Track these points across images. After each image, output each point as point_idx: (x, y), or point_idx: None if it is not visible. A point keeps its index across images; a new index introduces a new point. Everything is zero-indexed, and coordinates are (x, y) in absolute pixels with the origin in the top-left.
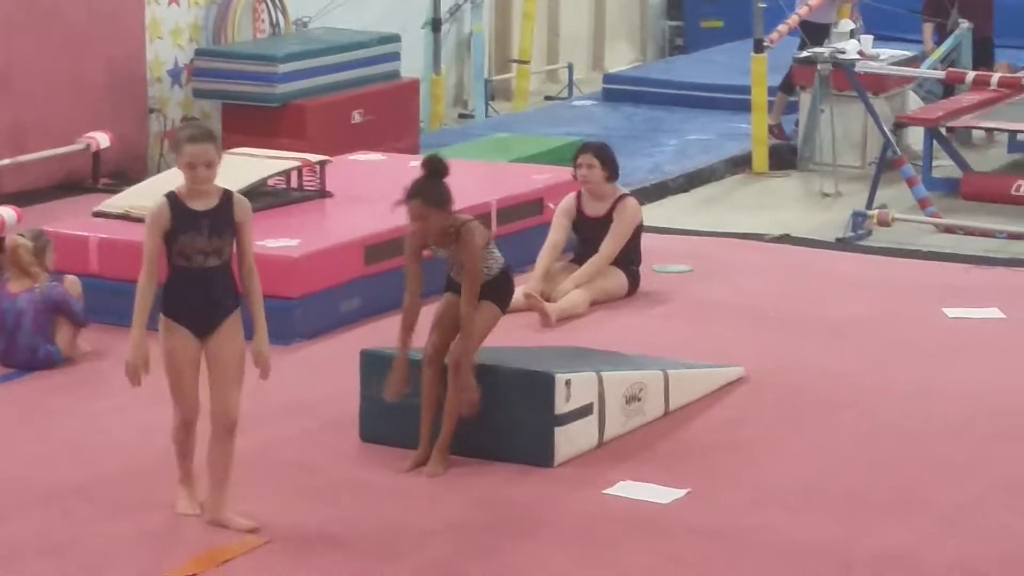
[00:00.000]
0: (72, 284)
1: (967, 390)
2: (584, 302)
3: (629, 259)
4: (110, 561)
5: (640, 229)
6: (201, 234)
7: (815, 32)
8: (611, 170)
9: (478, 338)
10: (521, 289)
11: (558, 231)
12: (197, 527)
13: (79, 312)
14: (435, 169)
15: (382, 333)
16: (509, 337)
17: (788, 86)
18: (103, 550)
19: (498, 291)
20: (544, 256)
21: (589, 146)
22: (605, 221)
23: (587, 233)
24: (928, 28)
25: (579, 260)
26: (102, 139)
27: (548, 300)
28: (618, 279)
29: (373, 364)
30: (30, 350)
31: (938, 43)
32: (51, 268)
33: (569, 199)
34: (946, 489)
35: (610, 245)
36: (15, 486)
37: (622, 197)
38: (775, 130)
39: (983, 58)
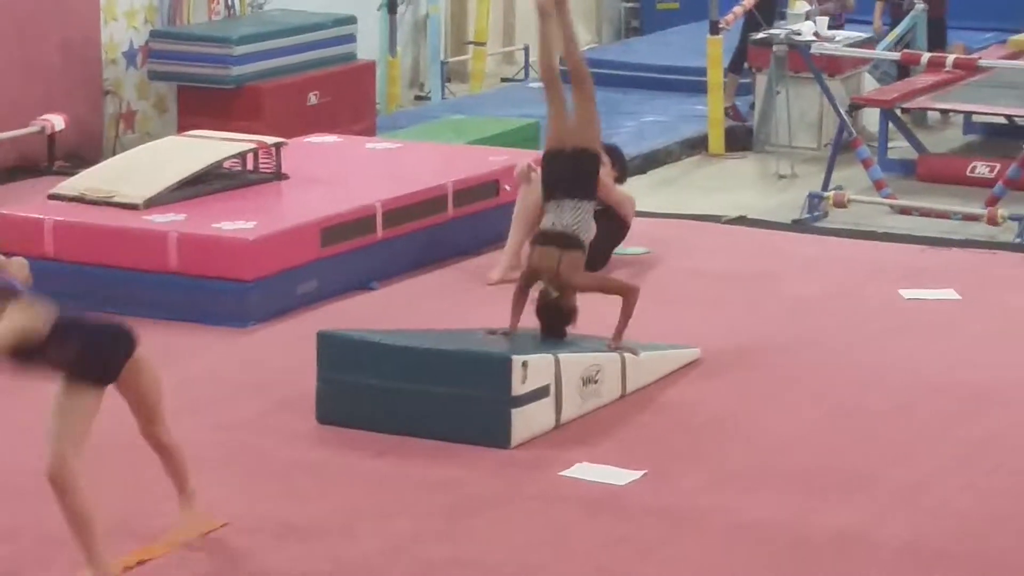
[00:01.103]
0: (20, 267)
1: (922, 370)
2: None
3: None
4: (62, 547)
5: (625, 230)
6: None
7: (767, 8)
8: (620, 170)
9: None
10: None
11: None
12: (151, 513)
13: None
14: (554, 319)
15: (339, 315)
16: (465, 319)
17: (737, 67)
18: (55, 536)
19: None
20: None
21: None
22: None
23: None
24: (879, 8)
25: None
26: (57, 121)
27: None
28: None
29: (330, 346)
30: None
31: (889, 25)
32: None
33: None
34: (900, 467)
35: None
36: None
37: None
38: (730, 111)
39: (936, 39)
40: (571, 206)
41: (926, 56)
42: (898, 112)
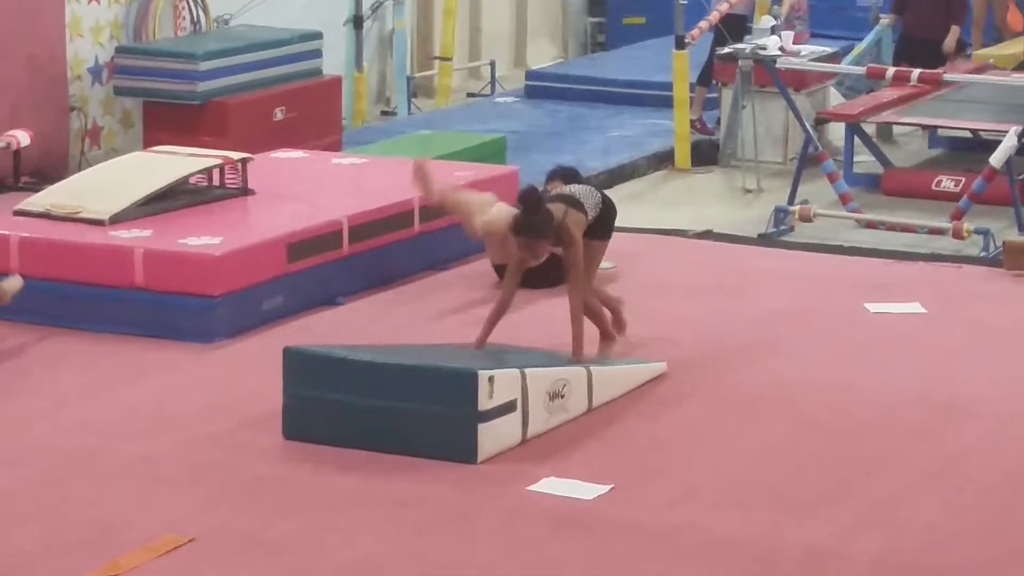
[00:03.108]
0: (11, 284)
1: (889, 384)
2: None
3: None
4: (30, 564)
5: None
6: None
7: (734, 24)
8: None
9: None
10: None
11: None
12: (119, 528)
13: None
14: (531, 204)
15: (305, 331)
16: (431, 334)
17: (706, 79)
18: (24, 553)
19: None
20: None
21: (559, 172)
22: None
23: None
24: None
25: None
26: (22, 137)
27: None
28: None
29: (296, 362)
30: None
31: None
32: None
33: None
34: (869, 483)
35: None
36: None
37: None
38: (697, 124)
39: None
40: None
41: (891, 71)
42: (863, 126)
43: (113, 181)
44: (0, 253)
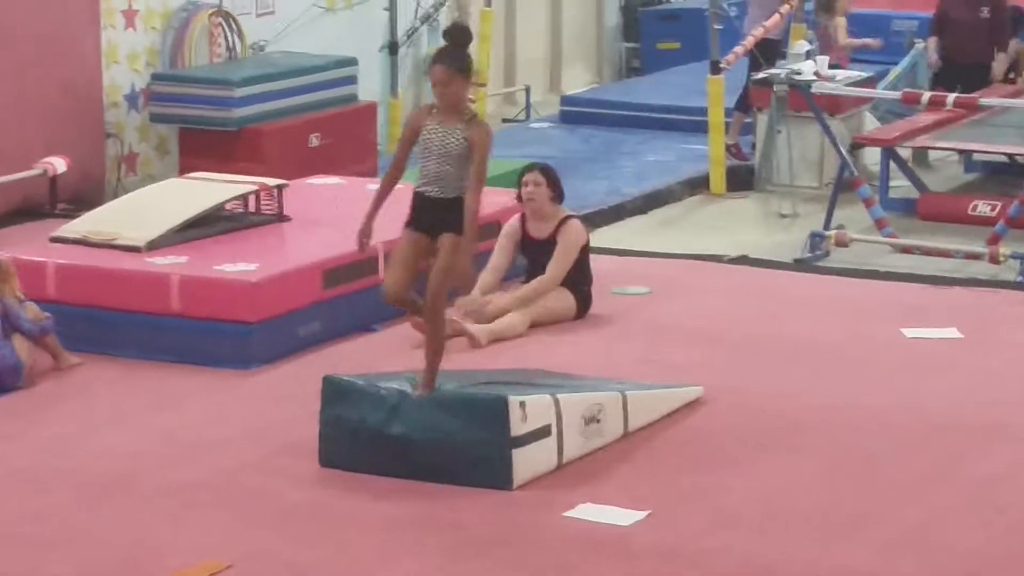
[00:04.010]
0: (30, 308)
1: (926, 409)
2: (522, 323)
3: (578, 280)
4: None
5: (587, 249)
6: None
7: (767, 48)
8: (556, 190)
9: (452, 272)
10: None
11: (501, 254)
12: (154, 554)
13: (26, 325)
14: (459, 37)
15: (341, 357)
16: (464, 360)
17: (744, 106)
18: None
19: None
20: (484, 277)
21: (534, 165)
22: (550, 243)
23: (533, 255)
24: (932, 42)
25: (528, 282)
26: (59, 164)
27: (489, 321)
28: (565, 300)
29: (333, 389)
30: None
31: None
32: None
33: (513, 222)
34: (906, 508)
35: (554, 268)
36: None
37: (566, 219)
38: (732, 149)
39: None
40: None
41: (927, 95)
42: (899, 151)
43: (149, 208)
44: (37, 279)
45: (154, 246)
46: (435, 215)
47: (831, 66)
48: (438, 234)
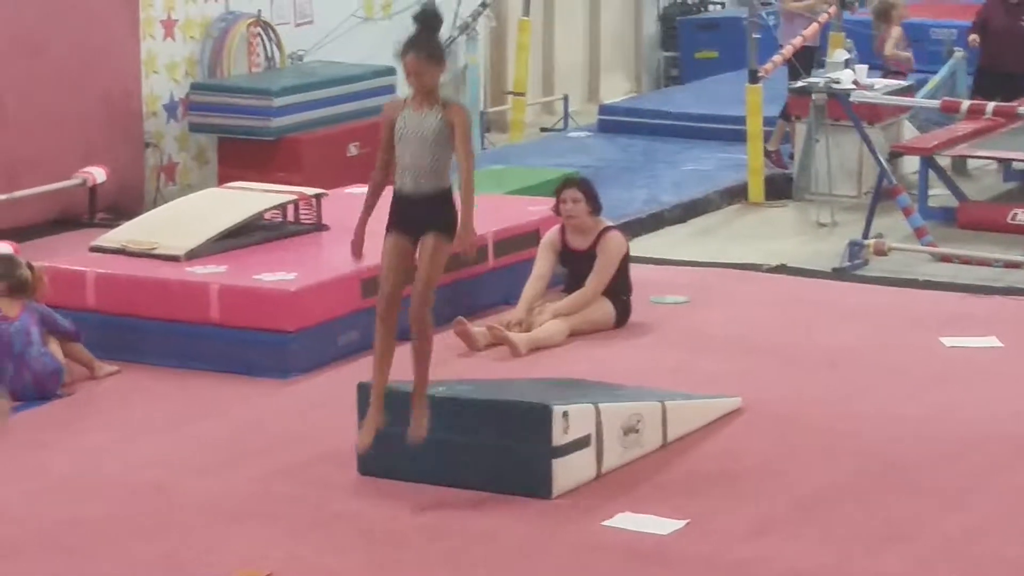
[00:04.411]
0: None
1: (964, 419)
2: (561, 332)
3: (618, 289)
4: None
5: (627, 260)
6: None
7: (804, 56)
8: (594, 204)
9: (435, 280)
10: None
11: (543, 263)
12: (192, 563)
13: (64, 323)
14: (429, 21)
15: None
16: (504, 368)
17: (788, 114)
18: None
19: (453, 215)
20: (529, 287)
21: (572, 181)
22: (590, 254)
23: (573, 266)
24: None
25: (568, 292)
26: (98, 174)
27: (529, 330)
28: (604, 309)
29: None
30: (41, 364)
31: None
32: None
33: (553, 232)
34: (942, 518)
35: (595, 281)
36: (7, 524)
37: (606, 230)
38: (772, 156)
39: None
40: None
41: (966, 104)
42: (938, 159)
43: (188, 217)
44: (76, 289)
45: (193, 255)
46: (413, 213)
47: (891, 73)
48: (419, 235)
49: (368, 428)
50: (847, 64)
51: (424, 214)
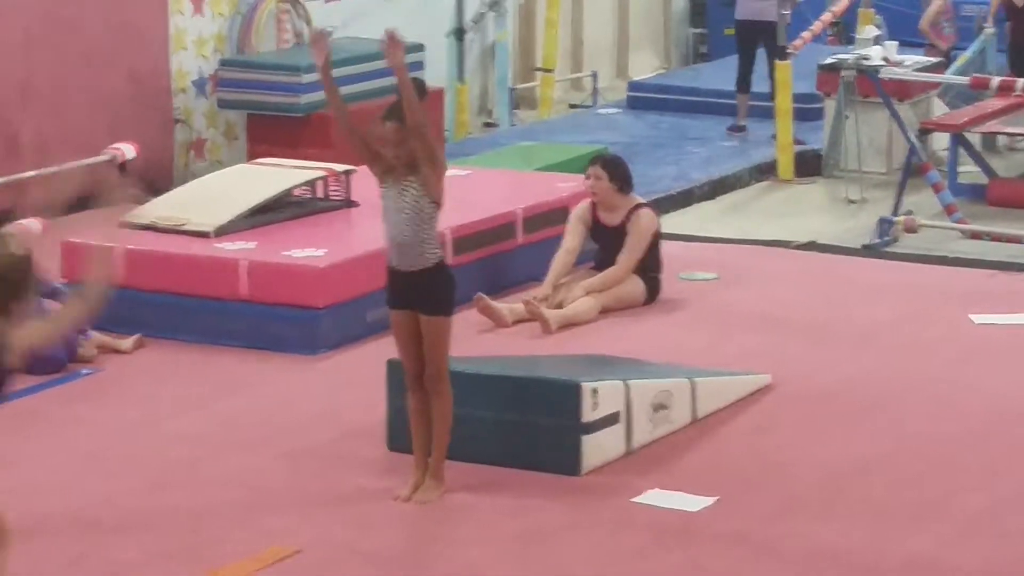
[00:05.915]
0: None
1: (993, 395)
2: (592, 309)
3: (648, 266)
4: (132, 574)
5: (658, 237)
6: None
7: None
8: (620, 182)
9: (444, 357)
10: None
11: (573, 236)
12: (221, 539)
13: (62, 293)
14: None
15: None
16: (535, 345)
17: (746, 88)
18: (126, 562)
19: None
20: (558, 261)
21: (599, 158)
22: (621, 230)
23: (604, 241)
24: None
25: (599, 268)
26: (128, 150)
27: (560, 307)
28: (634, 286)
29: (400, 374)
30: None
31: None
32: None
33: (584, 205)
34: (971, 494)
35: (626, 259)
36: (39, 500)
37: (637, 207)
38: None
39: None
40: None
41: (996, 80)
42: (968, 136)
43: (217, 193)
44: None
45: (223, 232)
46: (406, 291)
47: (930, 48)
48: (416, 308)
49: (410, 485)
50: (877, 40)
51: (415, 294)
